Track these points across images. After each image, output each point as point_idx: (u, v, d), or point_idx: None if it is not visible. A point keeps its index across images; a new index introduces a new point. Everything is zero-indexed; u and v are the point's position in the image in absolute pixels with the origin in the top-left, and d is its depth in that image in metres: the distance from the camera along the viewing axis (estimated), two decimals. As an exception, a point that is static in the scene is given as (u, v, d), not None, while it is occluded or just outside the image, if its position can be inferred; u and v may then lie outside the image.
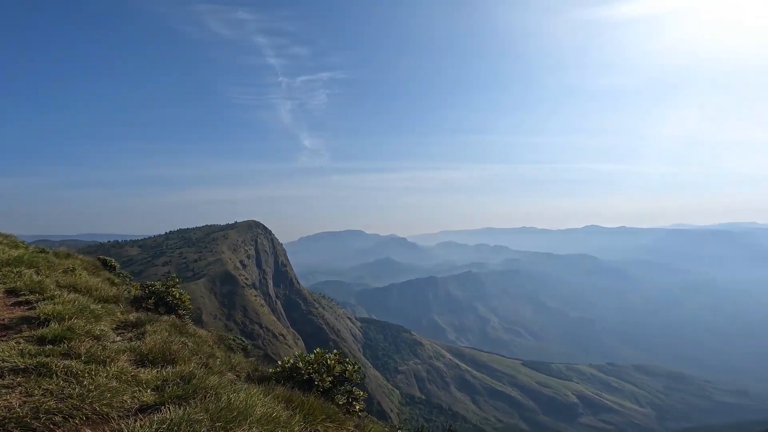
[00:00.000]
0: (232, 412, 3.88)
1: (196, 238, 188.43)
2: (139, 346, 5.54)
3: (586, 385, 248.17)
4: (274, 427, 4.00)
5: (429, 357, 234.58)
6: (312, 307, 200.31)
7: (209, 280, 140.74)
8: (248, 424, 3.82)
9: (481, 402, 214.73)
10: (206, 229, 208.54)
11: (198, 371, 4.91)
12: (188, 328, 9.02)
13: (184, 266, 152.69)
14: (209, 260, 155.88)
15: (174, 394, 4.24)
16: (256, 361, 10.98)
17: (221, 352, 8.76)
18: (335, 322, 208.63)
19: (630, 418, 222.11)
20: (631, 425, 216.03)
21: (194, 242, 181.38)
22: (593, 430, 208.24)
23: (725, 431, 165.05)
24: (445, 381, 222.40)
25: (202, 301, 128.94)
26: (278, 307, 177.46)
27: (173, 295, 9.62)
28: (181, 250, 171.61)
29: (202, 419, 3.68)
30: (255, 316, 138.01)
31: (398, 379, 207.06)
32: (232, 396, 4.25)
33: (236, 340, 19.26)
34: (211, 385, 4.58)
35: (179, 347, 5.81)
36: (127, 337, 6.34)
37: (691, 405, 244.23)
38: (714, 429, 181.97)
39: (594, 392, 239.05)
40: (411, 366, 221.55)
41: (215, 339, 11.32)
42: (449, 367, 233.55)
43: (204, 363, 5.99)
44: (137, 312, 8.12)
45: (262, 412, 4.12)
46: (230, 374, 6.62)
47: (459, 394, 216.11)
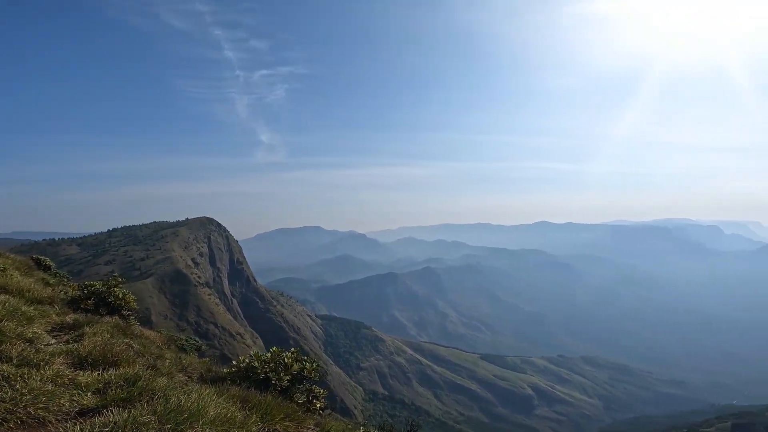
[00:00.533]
0: (182, 414, 3.78)
1: (143, 236, 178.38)
2: (77, 348, 5.19)
3: (540, 377, 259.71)
4: (229, 428, 3.93)
5: (390, 353, 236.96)
6: (270, 305, 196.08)
7: (158, 279, 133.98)
8: (201, 426, 3.73)
9: (443, 396, 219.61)
10: (154, 226, 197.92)
11: (144, 373, 4.72)
12: (134, 330, 8.52)
13: (129, 265, 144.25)
14: (158, 259, 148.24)
15: (118, 397, 4.09)
16: (211, 361, 10.56)
17: (171, 354, 8.36)
18: (295, 320, 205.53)
19: (581, 409, 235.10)
20: (582, 416, 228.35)
21: (141, 240, 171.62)
22: (548, 421, 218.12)
23: (664, 421, 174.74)
24: (407, 376, 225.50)
25: (151, 301, 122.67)
26: (234, 306, 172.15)
27: (115, 295, 9.04)
28: (126, 248, 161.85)
29: (149, 421, 3.56)
30: (210, 316, 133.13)
31: (361, 376, 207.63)
32: (183, 397, 4.12)
33: (189, 341, 18.43)
34: (159, 386, 4.40)
35: (122, 349, 5.48)
36: (63, 340, 5.98)
37: (633, 395, 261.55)
38: (655, 419, 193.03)
39: (547, 384, 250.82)
40: (373, 362, 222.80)
41: (164, 340, 10.77)
42: (410, 362, 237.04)
43: (151, 365, 5.69)
44: (75, 313, 7.58)
45: (216, 412, 4.03)
46: (181, 375, 6.35)
47: (421, 388, 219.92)
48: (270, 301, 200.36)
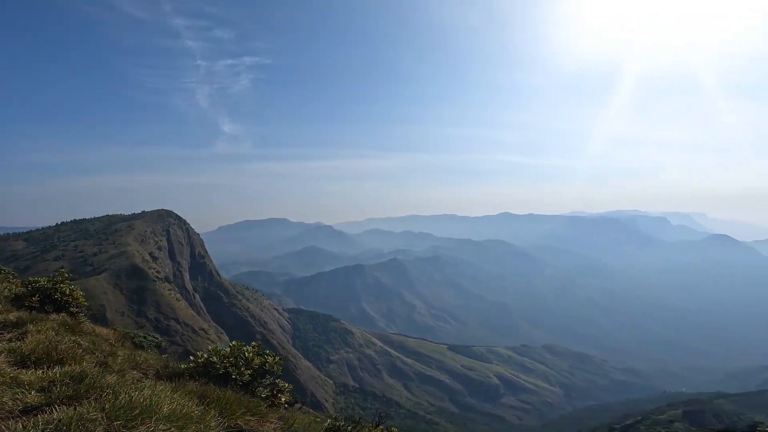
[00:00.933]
0: (133, 410, 3.74)
1: (95, 230, 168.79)
2: (20, 346, 4.98)
3: (505, 366, 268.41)
4: (185, 423, 3.89)
5: (360, 345, 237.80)
6: (235, 300, 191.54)
7: (113, 274, 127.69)
8: (153, 422, 3.68)
9: (413, 387, 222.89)
10: (107, 220, 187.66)
11: (92, 370, 4.60)
12: (84, 327, 8.16)
13: (81, 261, 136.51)
14: (112, 253, 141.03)
15: (64, 395, 4.02)
16: (170, 357, 10.27)
17: (125, 351, 8.07)
18: (261, 314, 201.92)
19: (544, 397, 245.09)
20: (545, 404, 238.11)
21: (92, 234, 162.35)
22: (514, 410, 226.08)
23: (621, 408, 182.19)
24: (377, 368, 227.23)
25: (106, 297, 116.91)
26: (197, 301, 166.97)
27: (62, 292, 8.60)
28: (77, 243, 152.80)
29: (96, 418, 3.52)
30: (170, 312, 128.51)
31: (331, 369, 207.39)
32: (134, 394, 4.07)
33: (148, 338, 17.80)
34: (108, 383, 4.33)
35: (69, 347, 5.28)
36: (6, 338, 5.75)
37: (591, 383, 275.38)
38: (611, 406, 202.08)
39: (512, 373, 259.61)
40: (342, 355, 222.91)
41: (118, 337, 10.38)
42: (380, 354, 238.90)
43: (101, 362, 5.48)
44: (19, 311, 7.16)
45: (171, 408, 3.99)
46: (135, 372, 6.18)
47: (391, 380, 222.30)
48: (235, 296, 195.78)
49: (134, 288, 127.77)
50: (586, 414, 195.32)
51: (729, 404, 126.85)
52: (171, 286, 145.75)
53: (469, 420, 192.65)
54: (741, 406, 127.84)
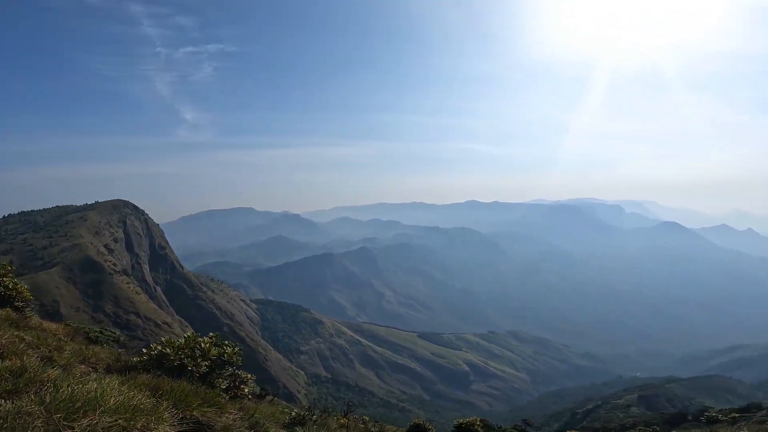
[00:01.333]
0: (75, 403, 3.70)
1: (45, 222, 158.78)
2: None
3: (474, 353, 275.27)
4: (134, 415, 3.86)
5: (330, 335, 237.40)
6: (200, 291, 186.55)
7: (65, 268, 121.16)
8: (98, 414, 3.65)
9: (385, 376, 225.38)
10: (57, 211, 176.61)
11: (33, 365, 4.47)
12: (30, 322, 7.84)
13: (30, 254, 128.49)
14: (64, 246, 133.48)
15: (2, 389, 4.00)
16: (127, 352, 10.03)
17: (75, 345, 7.83)
18: (228, 306, 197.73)
19: (511, 383, 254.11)
20: (513, 390, 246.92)
21: (42, 226, 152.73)
22: (484, 396, 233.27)
23: (582, 392, 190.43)
24: (349, 358, 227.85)
25: (59, 292, 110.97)
26: (159, 294, 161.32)
27: (5, 286, 8.19)
28: (26, 236, 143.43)
29: (34, 411, 3.49)
30: (130, 306, 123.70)
31: (302, 360, 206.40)
32: (77, 387, 4.02)
33: (105, 332, 17.16)
34: (50, 377, 4.21)
35: (10, 341, 5.07)
36: None
37: (554, 368, 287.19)
38: (574, 391, 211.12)
39: (481, 360, 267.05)
40: (313, 345, 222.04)
41: (69, 332, 10.01)
42: (351, 343, 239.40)
43: (46, 357, 5.33)
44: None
45: (118, 401, 3.96)
46: (83, 367, 6.01)
47: (363, 369, 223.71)
48: (199, 287, 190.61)
49: (89, 282, 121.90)
50: (551, 399, 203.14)
51: (679, 388, 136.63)
52: (130, 280, 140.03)
53: (441, 407, 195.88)
54: (690, 390, 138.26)
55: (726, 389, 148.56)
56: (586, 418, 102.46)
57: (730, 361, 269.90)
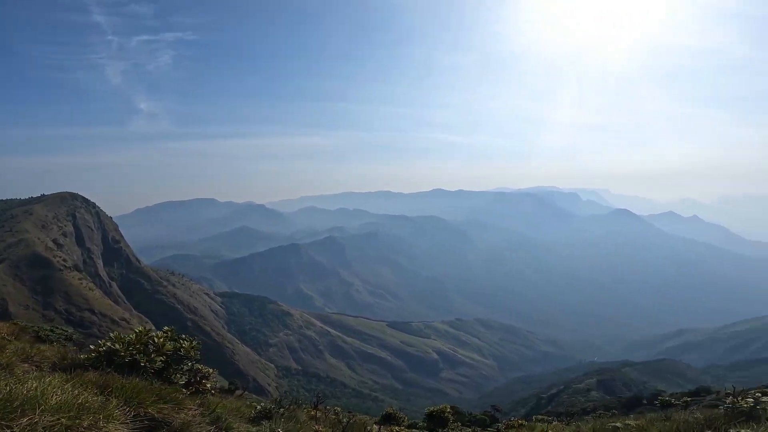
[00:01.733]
0: (13, 403, 3.61)
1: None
2: None
3: (443, 341, 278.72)
4: (79, 414, 3.74)
5: (299, 327, 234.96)
6: (159, 286, 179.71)
7: (11, 265, 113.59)
8: (38, 414, 3.55)
9: (356, 366, 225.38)
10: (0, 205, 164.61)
11: None
12: (-34, 322, 7.43)
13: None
14: (8, 242, 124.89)
15: None
16: (78, 350, 9.72)
17: (20, 344, 7.52)
18: (190, 300, 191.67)
19: (479, 370, 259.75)
20: (481, 377, 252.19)
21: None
22: (453, 383, 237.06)
23: (548, 378, 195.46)
24: (319, 349, 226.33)
25: (5, 290, 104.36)
26: (114, 290, 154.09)
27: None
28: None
29: None
30: (83, 302, 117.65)
31: (271, 353, 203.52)
32: (16, 386, 3.93)
33: (55, 331, 16.48)
34: None
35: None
36: None
37: (521, 355, 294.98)
38: (540, 377, 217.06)
39: (450, 348, 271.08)
40: (282, 338, 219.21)
41: (13, 331, 9.61)
42: (320, 334, 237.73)
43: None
44: None
45: (61, 399, 3.85)
46: (26, 365, 5.80)
47: (334, 360, 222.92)
48: (158, 281, 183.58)
49: (38, 278, 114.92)
50: (517, 385, 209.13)
51: (634, 372, 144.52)
52: (82, 275, 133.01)
53: (412, 395, 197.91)
54: (644, 374, 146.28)
55: (676, 373, 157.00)
56: (550, 402, 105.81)
57: (678, 345, 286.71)
